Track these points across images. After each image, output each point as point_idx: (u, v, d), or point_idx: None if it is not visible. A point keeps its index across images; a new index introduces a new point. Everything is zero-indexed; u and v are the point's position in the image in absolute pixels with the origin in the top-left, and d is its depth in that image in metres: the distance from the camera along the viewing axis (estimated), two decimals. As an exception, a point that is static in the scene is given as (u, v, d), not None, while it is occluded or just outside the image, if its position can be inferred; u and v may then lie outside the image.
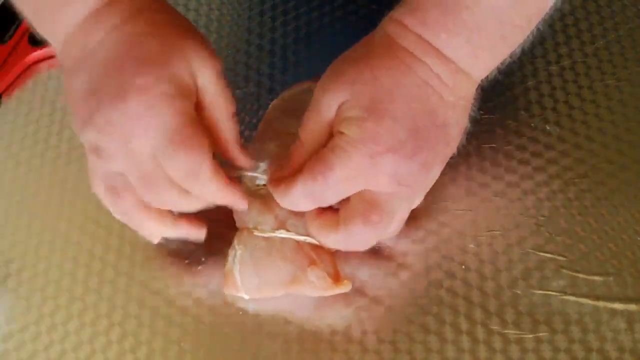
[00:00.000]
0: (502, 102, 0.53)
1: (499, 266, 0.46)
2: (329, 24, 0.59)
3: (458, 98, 0.41)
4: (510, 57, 0.42)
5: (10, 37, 0.61)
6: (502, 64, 0.42)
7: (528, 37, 0.41)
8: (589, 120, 0.51)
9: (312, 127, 0.42)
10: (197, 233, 0.47)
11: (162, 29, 0.41)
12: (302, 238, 0.45)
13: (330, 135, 0.41)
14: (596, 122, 0.51)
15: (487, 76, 0.42)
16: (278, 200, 0.43)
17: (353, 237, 0.43)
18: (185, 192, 0.42)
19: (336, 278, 0.45)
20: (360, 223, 0.42)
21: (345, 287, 0.45)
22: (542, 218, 0.48)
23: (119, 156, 0.41)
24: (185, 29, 0.43)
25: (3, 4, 0.63)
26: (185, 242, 0.49)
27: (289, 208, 0.43)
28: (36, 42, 0.60)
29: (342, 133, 0.40)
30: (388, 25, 0.41)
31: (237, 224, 0.47)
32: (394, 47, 0.40)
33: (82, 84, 0.41)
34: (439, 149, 0.41)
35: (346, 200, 0.42)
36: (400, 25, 0.40)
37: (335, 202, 0.42)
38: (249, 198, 0.46)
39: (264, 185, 0.46)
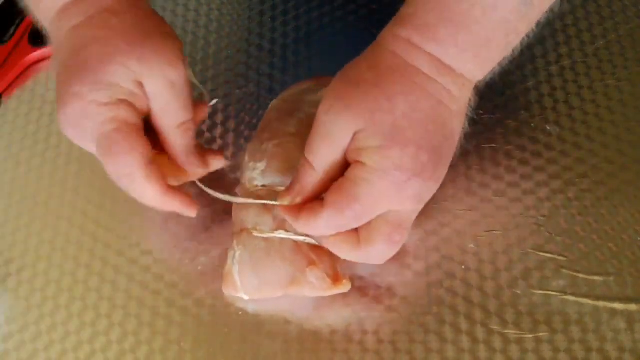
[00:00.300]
0: (502, 102, 0.53)
1: (499, 266, 0.46)
2: (329, 24, 0.59)
3: (461, 105, 0.41)
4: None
5: (10, 37, 0.61)
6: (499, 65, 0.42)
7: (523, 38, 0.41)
8: (589, 120, 0.51)
9: (324, 154, 0.41)
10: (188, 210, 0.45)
11: (112, 34, 0.41)
12: (301, 238, 0.45)
13: (345, 161, 0.41)
14: (596, 122, 0.51)
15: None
16: (297, 228, 0.43)
17: (372, 254, 0.43)
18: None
19: (335, 278, 0.45)
20: (383, 243, 0.42)
21: (344, 287, 0.45)
22: (542, 218, 0.48)
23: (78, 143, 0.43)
24: (143, 34, 0.42)
25: (3, 4, 0.63)
26: (185, 242, 0.49)
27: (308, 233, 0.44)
28: (36, 42, 0.60)
29: (362, 163, 0.40)
30: (395, 44, 0.40)
31: (237, 225, 0.47)
32: (407, 69, 0.40)
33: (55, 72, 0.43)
34: (449, 158, 0.42)
35: None
36: (409, 44, 0.40)
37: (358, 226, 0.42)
38: (248, 199, 0.46)
39: (263, 186, 0.46)
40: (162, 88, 0.42)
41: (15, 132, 0.57)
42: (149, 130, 0.44)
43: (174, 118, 0.43)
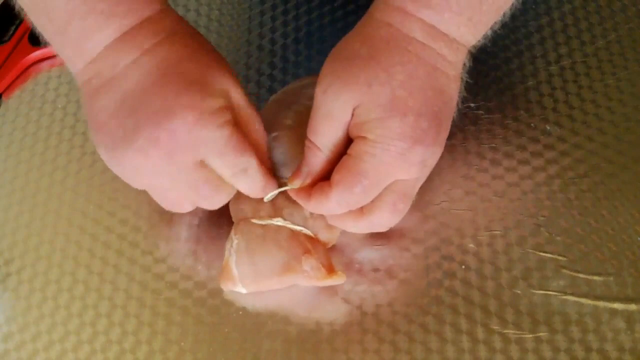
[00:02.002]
0: (502, 102, 0.53)
1: (499, 266, 0.46)
2: (329, 24, 0.59)
3: (457, 69, 0.42)
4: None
5: (10, 37, 0.61)
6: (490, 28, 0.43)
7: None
8: (589, 120, 0.51)
9: (327, 133, 0.42)
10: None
11: (197, 52, 0.42)
12: (298, 228, 0.45)
13: (348, 138, 0.42)
14: (596, 122, 0.51)
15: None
16: (309, 209, 0.44)
17: (376, 223, 0.44)
18: (218, 188, 0.43)
19: (330, 269, 0.45)
20: (388, 212, 0.43)
21: (339, 279, 0.45)
22: (542, 218, 0.48)
23: (162, 171, 0.41)
24: (215, 54, 0.43)
25: (3, 4, 0.63)
26: (185, 242, 0.49)
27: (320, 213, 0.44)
28: (36, 42, 0.60)
29: (364, 137, 0.40)
30: (388, 14, 0.41)
31: (233, 217, 0.47)
32: (401, 38, 0.40)
33: (112, 104, 0.41)
34: (449, 122, 0.42)
35: None
36: (402, 13, 0.40)
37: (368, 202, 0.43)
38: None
39: None
40: (244, 98, 0.43)
41: (15, 132, 0.57)
42: None
43: (258, 123, 0.44)
